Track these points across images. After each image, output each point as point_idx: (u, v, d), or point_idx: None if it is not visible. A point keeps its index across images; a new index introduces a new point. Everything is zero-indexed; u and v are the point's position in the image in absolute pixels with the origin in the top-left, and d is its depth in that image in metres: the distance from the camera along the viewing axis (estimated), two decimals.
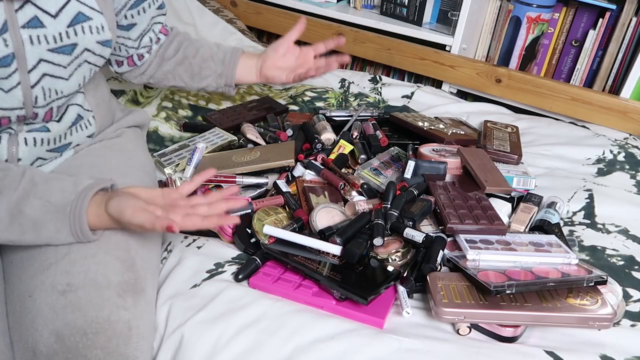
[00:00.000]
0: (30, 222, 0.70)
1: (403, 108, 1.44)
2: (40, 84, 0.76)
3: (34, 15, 0.72)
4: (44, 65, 0.75)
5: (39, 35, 0.73)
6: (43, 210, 0.71)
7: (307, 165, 1.06)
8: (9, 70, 0.72)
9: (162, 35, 1.03)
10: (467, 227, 0.88)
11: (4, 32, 0.69)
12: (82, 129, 0.89)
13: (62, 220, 0.71)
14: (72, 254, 0.73)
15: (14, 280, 0.76)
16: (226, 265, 0.85)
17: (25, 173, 0.73)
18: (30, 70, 0.74)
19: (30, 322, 0.70)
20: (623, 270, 0.89)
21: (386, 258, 0.85)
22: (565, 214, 1.04)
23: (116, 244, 0.76)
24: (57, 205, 0.71)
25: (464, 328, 0.74)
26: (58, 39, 0.75)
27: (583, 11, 1.50)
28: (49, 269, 0.72)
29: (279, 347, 0.71)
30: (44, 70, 0.76)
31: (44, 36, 0.74)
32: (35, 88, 0.76)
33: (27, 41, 0.72)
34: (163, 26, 1.03)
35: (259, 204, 0.95)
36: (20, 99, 0.75)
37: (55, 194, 0.72)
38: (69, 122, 0.86)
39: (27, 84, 0.75)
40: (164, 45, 1.06)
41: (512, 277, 0.76)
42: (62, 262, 0.72)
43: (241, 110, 1.33)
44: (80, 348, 0.67)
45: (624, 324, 0.79)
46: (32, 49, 0.73)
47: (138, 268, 0.76)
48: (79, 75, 0.82)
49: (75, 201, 0.71)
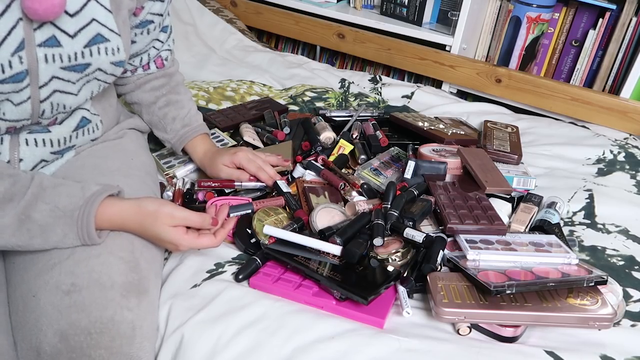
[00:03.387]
0: (38, 227, 0.71)
1: (403, 108, 1.44)
2: (50, 99, 0.76)
3: (51, 35, 0.72)
4: (55, 82, 0.75)
5: (54, 54, 0.73)
6: (51, 215, 0.71)
7: (307, 166, 1.06)
8: (21, 85, 0.72)
9: (154, 65, 1.01)
10: (467, 227, 0.88)
11: (21, 49, 0.69)
12: (88, 132, 0.89)
13: (70, 225, 0.72)
14: (76, 255, 0.73)
15: (16, 280, 0.76)
16: (226, 266, 0.85)
17: (34, 178, 0.73)
18: (42, 86, 0.74)
19: (34, 321, 0.70)
20: (623, 270, 0.89)
21: (386, 258, 0.85)
22: (565, 214, 1.04)
23: (120, 245, 0.76)
24: (65, 211, 0.72)
25: (464, 328, 0.75)
26: (73, 59, 0.75)
27: (583, 11, 1.50)
28: (53, 269, 0.72)
29: (279, 347, 0.71)
30: (55, 87, 0.76)
31: (59, 55, 0.73)
32: (44, 103, 0.76)
33: (42, 59, 0.72)
34: (159, 57, 1.01)
35: (259, 204, 0.95)
36: (29, 112, 0.75)
37: (64, 199, 0.72)
38: (73, 125, 0.86)
39: (36, 99, 0.75)
40: (151, 76, 1.02)
41: (512, 277, 0.76)
42: (66, 262, 0.72)
43: (241, 110, 1.33)
44: (84, 348, 0.67)
45: (624, 324, 0.79)
46: (46, 67, 0.73)
47: (142, 269, 0.76)
48: (87, 90, 0.82)
49: (84, 207, 0.72)
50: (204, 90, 1.42)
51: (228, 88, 1.46)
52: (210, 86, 1.45)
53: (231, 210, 0.92)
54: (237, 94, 1.44)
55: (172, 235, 0.75)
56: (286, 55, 1.69)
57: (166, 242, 0.77)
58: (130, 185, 0.87)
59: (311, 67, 1.62)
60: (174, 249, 0.78)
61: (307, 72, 1.58)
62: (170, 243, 0.76)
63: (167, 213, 0.75)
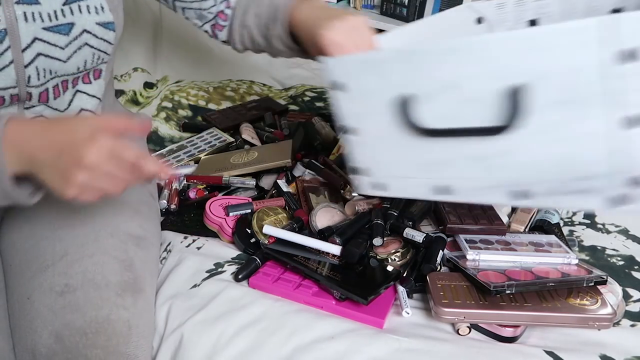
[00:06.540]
0: None
1: None
2: (35, 63, 0.72)
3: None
4: (38, 44, 0.71)
5: (33, 12, 0.69)
6: None
7: (307, 165, 1.06)
8: (1, 47, 0.68)
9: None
10: (467, 227, 0.88)
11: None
12: None
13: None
14: (69, 256, 0.73)
15: (12, 283, 0.76)
16: (226, 265, 0.85)
17: None
18: (25, 49, 0.70)
19: (28, 324, 0.70)
20: (623, 270, 0.89)
21: (386, 258, 0.85)
22: (565, 214, 1.04)
23: (114, 244, 0.76)
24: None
25: (464, 328, 0.74)
26: (53, 17, 0.71)
27: None
28: (46, 271, 0.72)
29: (278, 347, 0.71)
30: (38, 50, 0.72)
31: (39, 13, 0.70)
32: (29, 67, 0.72)
33: (22, 17, 0.68)
34: None
35: (258, 204, 0.95)
36: (14, 77, 0.71)
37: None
38: None
39: (20, 63, 0.71)
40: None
41: (512, 277, 0.76)
42: (59, 264, 0.72)
43: (241, 111, 1.33)
44: (80, 348, 0.67)
45: (624, 324, 0.79)
46: (27, 26, 0.69)
47: (137, 268, 0.76)
48: (78, 58, 0.77)
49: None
50: (203, 90, 1.42)
51: (228, 88, 1.46)
52: (210, 86, 1.45)
53: (230, 210, 0.92)
54: (237, 94, 1.44)
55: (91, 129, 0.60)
56: None
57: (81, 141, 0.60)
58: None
59: (311, 67, 1.62)
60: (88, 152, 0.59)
61: (307, 72, 1.58)
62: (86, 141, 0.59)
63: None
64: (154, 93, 1.36)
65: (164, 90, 1.38)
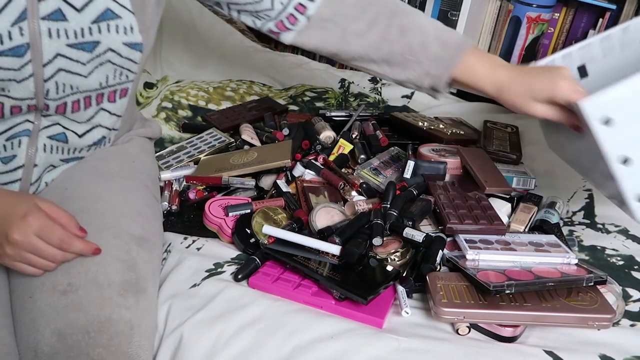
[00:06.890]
0: None
1: (403, 108, 1.44)
2: (55, 78, 0.72)
3: (57, 8, 0.68)
4: (60, 60, 0.71)
5: (59, 28, 0.69)
6: None
7: (307, 165, 1.06)
8: (22, 61, 0.68)
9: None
10: (467, 227, 0.88)
11: (22, 20, 0.66)
12: (100, 146, 0.88)
13: None
14: None
15: (15, 282, 0.76)
16: (225, 265, 0.85)
17: None
18: (46, 64, 0.70)
19: (31, 322, 0.70)
20: (623, 270, 0.89)
21: (385, 258, 0.85)
22: (565, 214, 1.04)
23: (116, 245, 0.76)
24: None
25: (464, 328, 0.74)
26: (79, 35, 0.71)
27: (583, 11, 1.50)
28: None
29: (278, 347, 0.71)
30: (60, 65, 0.72)
31: (65, 30, 0.69)
32: (49, 82, 0.72)
33: (46, 33, 0.68)
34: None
35: (258, 204, 0.95)
36: (32, 89, 0.72)
37: None
38: (90, 142, 0.85)
39: (40, 77, 0.71)
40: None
41: (511, 277, 0.76)
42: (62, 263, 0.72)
43: (241, 111, 1.33)
44: (82, 347, 0.67)
45: (624, 324, 0.79)
46: (50, 42, 0.69)
47: (139, 268, 0.76)
48: (100, 74, 0.76)
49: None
50: (203, 90, 1.42)
51: (228, 88, 1.46)
52: (210, 86, 1.45)
53: (230, 210, 0.92)
54: (237, 94, 1.44)
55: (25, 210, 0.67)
56: (286, 56, 1.68)
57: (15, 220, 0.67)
58: (130, 187, 0.86)
59: (311, 67, 1.62)
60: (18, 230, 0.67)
61: (307, 72, 1.58)
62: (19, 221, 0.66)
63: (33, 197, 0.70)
64: (154, 93, 1.36)
65: (164, 91, 1.38)
